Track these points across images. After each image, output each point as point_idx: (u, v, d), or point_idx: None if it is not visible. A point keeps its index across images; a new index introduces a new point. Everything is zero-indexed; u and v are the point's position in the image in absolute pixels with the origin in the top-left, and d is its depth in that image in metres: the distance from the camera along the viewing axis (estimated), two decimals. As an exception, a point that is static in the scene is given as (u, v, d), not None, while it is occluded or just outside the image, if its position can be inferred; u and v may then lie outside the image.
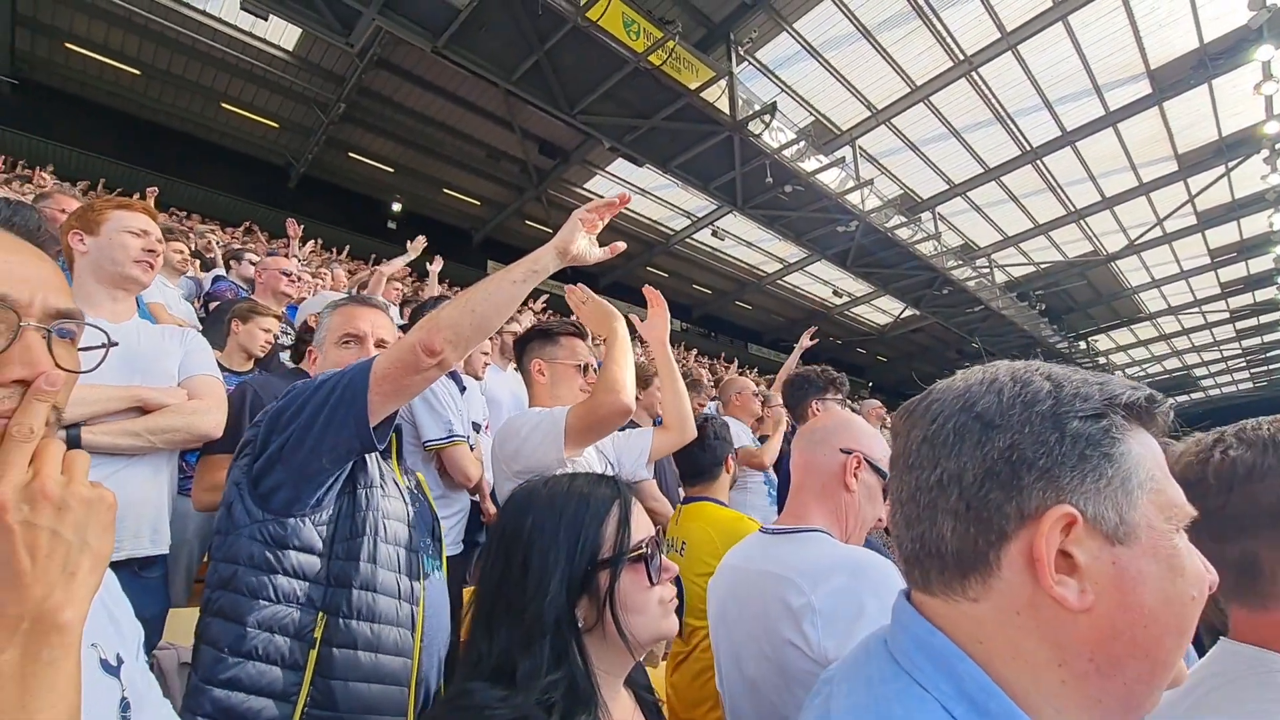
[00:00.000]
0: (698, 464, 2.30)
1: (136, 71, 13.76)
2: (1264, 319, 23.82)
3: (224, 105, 14.97)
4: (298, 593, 1.12)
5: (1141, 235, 17.77)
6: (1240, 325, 24.75)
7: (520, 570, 0.86)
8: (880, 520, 1.33)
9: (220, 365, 2.54)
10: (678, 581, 2.50)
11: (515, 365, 2.55)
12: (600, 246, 1.43)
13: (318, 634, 1.11)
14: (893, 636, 0.60)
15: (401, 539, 1.27)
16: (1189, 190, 15.84)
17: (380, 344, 1.64)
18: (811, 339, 4.55)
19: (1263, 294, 21.69)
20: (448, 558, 2.48)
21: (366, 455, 1.24)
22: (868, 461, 1.28)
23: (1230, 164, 14.53)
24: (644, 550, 0.91)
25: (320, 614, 1.13)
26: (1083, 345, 25.87)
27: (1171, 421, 0.57)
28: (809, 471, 1.31)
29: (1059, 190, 16.63)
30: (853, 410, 5.78)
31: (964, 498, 0.53)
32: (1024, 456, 0.51)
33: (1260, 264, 19.50)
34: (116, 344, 0.67)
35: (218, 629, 1.08)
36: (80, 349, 0.64)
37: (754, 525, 2.17)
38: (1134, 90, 13.19)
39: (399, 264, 5.36)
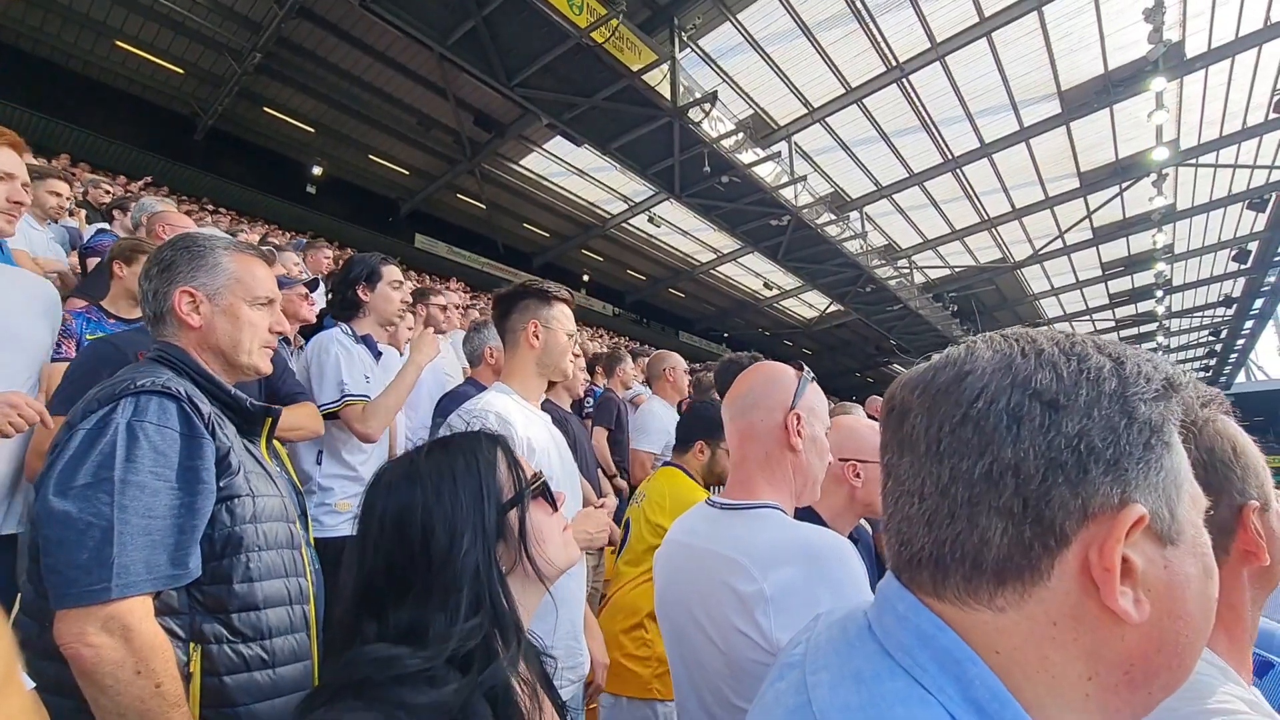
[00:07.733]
0: (679, 434, 2.45)
1: (14, -4, 12.22)
2: (1143, 329, 26.35)
3: (119, 44, 13.52)
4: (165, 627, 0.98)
5: (1045, 246, 19.19)
6: (1124, 334, 27.23)
7: (420, 544, 0.77)
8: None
9: (106, 312, 2.31)
10: (627, 526, 2.50)
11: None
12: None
13: (194, 668, 0.99)
14: (883, 625, 0.52)
15: (282, 540, 1.14)
16: (1088, 206, 17.21)
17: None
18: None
19: (1144, 306, 24.05)
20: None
21: (230, 453, 1.09)
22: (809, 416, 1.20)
23: (1124, 185, 15.86)
24: (542, 480, 0.91)
25: (192, 645, 1.00)
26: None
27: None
28: (749, 440, 1.20)
29: (975, 198, 17.62)
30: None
31: (1020, 493, 0.45)
32: (1092, 445, 0.44)
33: (1143, 278, 21.54)
34: None
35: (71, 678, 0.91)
36: None
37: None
38: (1046, 109, 14.11)
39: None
